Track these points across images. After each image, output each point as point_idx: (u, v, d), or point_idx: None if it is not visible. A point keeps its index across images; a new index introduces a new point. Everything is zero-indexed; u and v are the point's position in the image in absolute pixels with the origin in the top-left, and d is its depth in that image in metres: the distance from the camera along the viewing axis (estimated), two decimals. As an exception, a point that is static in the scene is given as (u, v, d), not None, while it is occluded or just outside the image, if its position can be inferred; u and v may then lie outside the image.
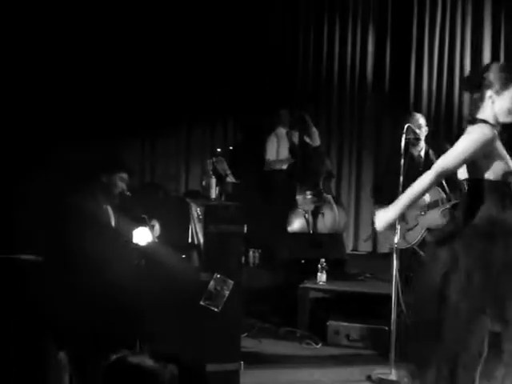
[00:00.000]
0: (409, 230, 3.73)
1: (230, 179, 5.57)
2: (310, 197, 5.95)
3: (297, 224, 5.93)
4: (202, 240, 3.34)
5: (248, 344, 4.07)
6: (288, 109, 6.19)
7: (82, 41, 5.95)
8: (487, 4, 6.18)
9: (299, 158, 6.09)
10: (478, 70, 2.58)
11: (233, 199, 4.85)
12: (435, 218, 3.78)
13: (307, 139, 6.09)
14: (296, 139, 6.17)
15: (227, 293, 3.13)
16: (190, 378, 2.24)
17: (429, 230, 3.83)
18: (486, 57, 6.21)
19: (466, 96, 6.25)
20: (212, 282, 3.13)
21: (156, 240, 4.08)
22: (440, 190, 3.83)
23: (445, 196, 3.82)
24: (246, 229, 3.23)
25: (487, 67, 2.48)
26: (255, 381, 3.46)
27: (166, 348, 2.97)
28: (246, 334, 4.20)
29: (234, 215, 3.18)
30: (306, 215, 5.87)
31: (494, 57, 6.20)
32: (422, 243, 3.86)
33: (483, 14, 6.19)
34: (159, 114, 6.33)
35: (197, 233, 3.67)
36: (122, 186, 3.55)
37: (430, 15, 6.33)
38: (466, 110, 6.26)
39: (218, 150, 5.58)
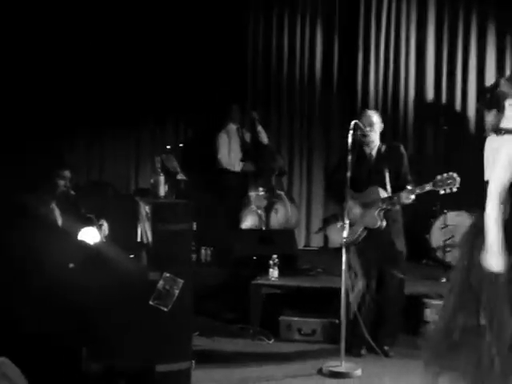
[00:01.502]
0: (350, 226, 3.77)
1: (181, 176, 5.54)
2: (262, 193, 5.97)
3: (249, 221, 5.94)
4: (150, 239, 3.29)
5: (200, 342, 4.05)
6: (239, 105, 6.18)
7: (28, 41, 5.78)
8: (431, 4, 6.34)
9: (251, 155, 6.11)
10: (490, 89, 2.75)
11: (184, 197, 4.81)
12: (372, 217, 3.82)
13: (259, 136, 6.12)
14: (247, 136, 6.18)
15: (177, 292, 3.09)
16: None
17: (366, 229, 3.86)
18: (430, 55, 6.38)
19: (411, 94, 6.42)
20: (161, 282, 3.09)
21: (104, 239, 4.00)
22: (381, 190, 3.83)
23: (385, 197, 3.82)
24: (195, 226, 3.21)
25: (497, 83, 2.70)
26: (207, 379, 3.45)
27: (113, 358, 2.91)
28: (197, 333, 4.17)
29: (183, 213, 3.14)
30: (259, 211, 5.89)
31: (438, 55, 6.38)
32: (363, 241, 3.87)
33: (427, 14, 6.36)
34: (108, 112, 6.20)
35: (146, 232, 3.61)
36: (63, 184, 3.45)
37: (375, 15, 6.44)
38: (411, 108, 6.43)
39: (168, 147, 5.53)
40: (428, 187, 3.62)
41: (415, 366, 3.70)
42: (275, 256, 4.63)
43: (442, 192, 3.56)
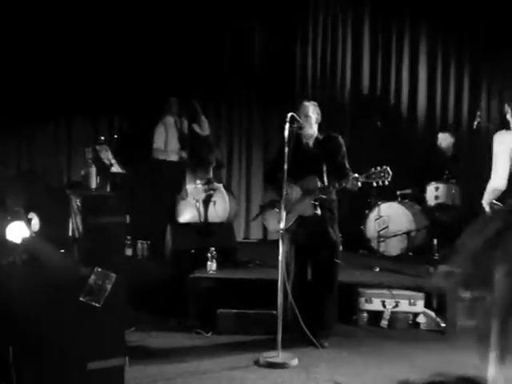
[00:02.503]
0: (286, 214, 3.80)
1: (116, 169, 5.38)
2: (200, 186, 5.91)
3: (187, 214, 5.87)
4: (81, 233, 3.17)
5: (136, 338, 3.97)
6: (177, 97, 6.07)
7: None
8: (367, 2, 6.48)
9: (188, 147, 6.02)
10: None
11: (119, 189, 4.67)
12: (307, 205, 3.86)
13: (197, 128, 6.04)
14: (185, 128, 6.09)
15: (109, 287, 2.99)
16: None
17: (300, 217, 3.90)
18: (366, 47, 6.51)
19: (348, 88, 6.53)
20: (92, 277, 2.98)
21: (34, 234, 3.82)
22: (317, 179, 3.89)
23: (321, 186, 3.87)
24: (128, 219, 3.11)
25: None
26: (142, 375, 3.38)
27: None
28: (133, 328, 4.09)
29: (115, 206, 3.04)
30: (197, 204, 5.83)
31: (373, 48, 6.52)
32: (296, 229, 3.92)
33: (364, 11, 6.48)
34: (39, 102, 5.95)
35: (77, 225, 3.48)
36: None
37: (313, 8, 6.51)
38: (347, 102, 6.55)
39: (102, 138, 5.35)
40: (362, 179, 3.69)
41: (349, 355, 3.82)
42: (213, 249, 4.60)
43: (374, 184, 3.64)
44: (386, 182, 3.61)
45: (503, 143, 2.96)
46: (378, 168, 3.63)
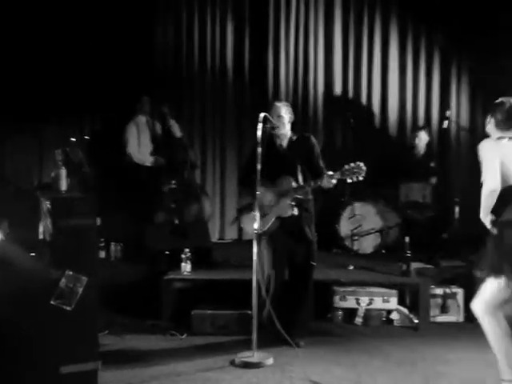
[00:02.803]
0: (263, 216, 3.80)
1: (87, 170, 5.32)
2: (174, 187, 5.88)
3: (162, 215, 5.83)
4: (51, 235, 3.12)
5: (109, 341, 3.93)
6: (149, 96, 6.02)
7: None
8: (337, 1, 6.52)
9: (163, 148, 5.98)
10: None
11: (92, 191, 4.63)
12: (284, 206, 3.87)
13: (173, 128, 6.01)
14: (158, 128, 6.04)
15: (80, 290, 2.96)
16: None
17: (278, 218, 3.91)
18: (337, 47, 6.57)
19: (320, 88, 6.57)
20: (63, 280, 2.94)
21: (3, 238, 3.76)
22: (292, 180, 3.89)
23: (296, 186, 3.87)
24: (99, 221, 3.08)
25: None
26: (115, 379, 3.34)
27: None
28: (107, 331, 4.04)
29: (86, 208, 3.00)
30: (172, 205, 5.79)
31: (344, 48, 6.58)
32: (275, 231, 3.93)
33: (334, 11, 6.53)
34: (9, 103, 5.82)
35: (48, 228, 3.43)
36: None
37: (285, 11, 6.53)
38: (320, 101, 6.58)
39: (73, 139, 5.29)
40: (337, 176, 3.69)
41: (324, 353, 3.84)
42: (187, 250, 4.58)
43: (349, 181, 3.64)
44: (361, 178, 3.62)
45: (492, 151, 3.04)
46: (352, 164, 3.63)
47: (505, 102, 3.21)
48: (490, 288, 3.05)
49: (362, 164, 3.62)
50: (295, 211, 3.89)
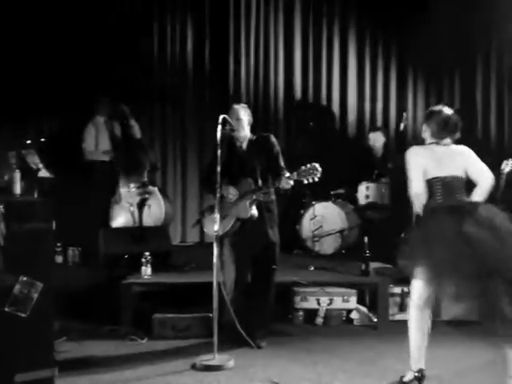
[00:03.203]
0: (223, 219, 3.80)
1: (43, 173, 5.20)
2: (134, 189, 5.81)
3: (121, 218, 5.75)
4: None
5: (67, 348, 3.84)
6: (108, 98, 5.93)
7: None
8: (297, 6, 6.59)
9: (122, 149, 5.90)
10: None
11: (48, 194, 4.51)
12: (244, 208, 3.88)
13: (133, 128, 5.94)
14: (117, 130, 5.96)
15: (35, 296, 2.89)
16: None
17: (238, 220, 3.91)
18: (297, 50, 6.63)
19: (281, 91, 6.62)
20: (17, 286, 2.87)
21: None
22: (252, 181, 3.90)
23: (255, 187, 3.87)
24: (54, 225, 3.01)
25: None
26: (73, 386, 3.28)
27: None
28: (65, 338, 3.96)
29: (41, 211, 2.94)
30: (131, 208, 5.72)
31: (304, 50, 6.64)
32: (237, 232, 3.94)
33: (294, 15, 6.59)
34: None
35: (2, 233, 3.33)
36: None
37: (245, 14, 6.55)
38: (280, 104, 6.63)
39: (28, 142, 5.16)
40: (293, 177, 3.72)
41: (285, 353, 3.86)
42: (147, 253, 4.52)
43: (305, 182, 3.68)
44: (316, 179, 3.65)
45: (416, 155, 3.25)
46: (308, 165, 3.66)
47: (439, 112, 3.36)
48: (417, 283, 3.21)
49: (317, 165, 3.65)
50: (254, 212, 3.90)
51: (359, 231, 5.75)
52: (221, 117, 3.77)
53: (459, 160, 3.27)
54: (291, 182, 3.75)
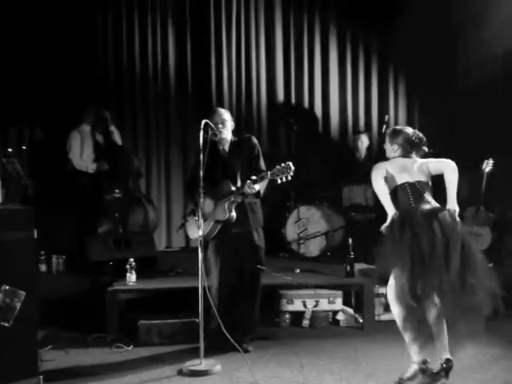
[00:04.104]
0: (204, 221, 3.80)
1: (25, 181, 5.16)
2: (118, 196, 5.78)
3: (106, 224, 5.72)
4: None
5: (53, 356, 3.81)
6: (94, 106, 5.89)
7: None
8: (277, 9, 6.62)
9: (105, 156, 5.87)
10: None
11: (31, 202, 4.48)
12: (222, 210, 3.89)
13: (114, 136, 5.91)
14: (101, 137, 5.93)
15: (18, 305, 2.87)
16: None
17: (217, 222, 3.91)
18: (279, 55, 6.66)
19: (263, 95, 6.65)
20: (0, 295, 2.84)
21: None
22: (231, 183, 3.91)
23: (233, 189, 3.88)
24: (36, 234, 2.98)
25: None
26: (58, 395, 3.25)
27: None
28: (50, 347, 3.92)
29: (22, 220, 2.92)
30: (116, 215, 5.69)
31: (286, 55, 6.68)
32: (221, 235, 3.94)
33: (274, 19, 6.63)
34: None
35: (-17, 242, 3.30)
36: None
37: (226, 18, 6.56)
38: (263, 108, 6.65)
39: (9, 150, 5.11)
40: (267, 177, 3.72)
41: (271, 357, 3.87)
42: (132, 260, 4.50)
43: (279, 181, 3.67)
44: (289, 178, 3.66)
45: (378, 170, 3.48)
46: (283, 164, 3.66)
47: (402, 132, 3.58)
48: (393, 279, 3.35)
49: (290, 163, 3.64)
50: (233, 214, 3.89)
51: (344, 233, 5.78)
52: (203, 122, 3.77)
53: (422, 165, 3.47)
54: (256, 187, 3.74)
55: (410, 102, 6.82)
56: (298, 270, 5.03)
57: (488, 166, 5.25)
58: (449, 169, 3.39)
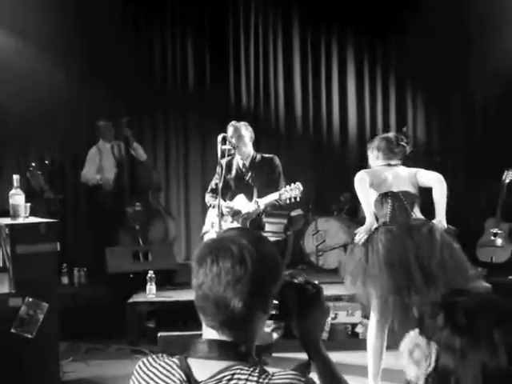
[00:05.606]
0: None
1: (48, 195, 5.26)
2: (139, 209, 5.85)
3: (127, 237, 5.79)
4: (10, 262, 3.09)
5: (73, 368, 3.86)
6: (111, 121, 5.96)
7: None
8: (295, 29, 6.68)
9: (126, 171, 5.93)
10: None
11: (54, 216, 4.57)
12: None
13: (133, 152, 5.97)
14: (122, 152, 5.98)
15: (41, 317, 2.93)
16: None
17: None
18: (297, 71, 6.71)
19: (281, 110, 6.70)
20: (23, 307, 2.91)
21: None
22: (246, 198, 3.99)
23: (249, 204, 3.95)
24: (59, 247, 3.06)
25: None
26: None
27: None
28: (71, 358, 3.98)
29: (45, 233, 2.99)
30: (136, 228, 5.76)
31: (303, 72, 6.72)
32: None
33: (292, 39, 6.68)
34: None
35: (7, 255, 3.39)
36: None
37: (244, 35, 6.63)
38: (282, 123, 6.70)
39: (33, 164, 5.22)
40: (274, 197, 3.79)
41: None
42: (152, 272, 4.56)
43: (287, 201, 3.75)
44: (298, 199, 3.74)
45: (360, 179, 3.32)
46: (292, 184, 3.75)
47: (380, 137, 3.54)
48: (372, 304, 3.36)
49: (299, 184, 3.77)
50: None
51: (363, 245, 5.75)
52: (220, 136, 3.83)
53: (410, 175, 3.37)
54: (261, 207, 3.82)
55: (428, 113, 6.80)
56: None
57: (508, 176, 5.21)
58: (436, 182, 3.29)
